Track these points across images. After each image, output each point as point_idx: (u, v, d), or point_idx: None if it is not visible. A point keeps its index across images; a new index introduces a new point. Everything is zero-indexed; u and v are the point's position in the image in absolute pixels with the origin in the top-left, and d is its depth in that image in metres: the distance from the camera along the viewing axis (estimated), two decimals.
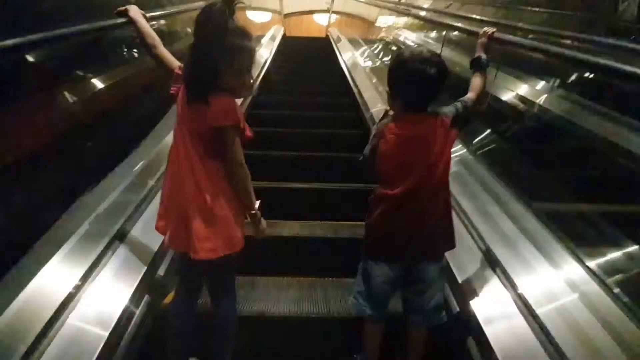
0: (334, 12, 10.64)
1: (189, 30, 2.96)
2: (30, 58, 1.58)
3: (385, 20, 7.13)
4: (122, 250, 1.45)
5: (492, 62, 1.49)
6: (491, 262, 1.46)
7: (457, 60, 2.88)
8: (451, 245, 1.37)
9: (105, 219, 1.49)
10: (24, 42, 1.21)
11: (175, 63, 1.34)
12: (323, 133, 3.35)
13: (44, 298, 1.14)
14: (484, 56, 1.47)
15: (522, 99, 2.48)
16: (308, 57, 6.76)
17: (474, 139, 2.40)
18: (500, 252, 1.45)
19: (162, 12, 2.32)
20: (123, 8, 1.47)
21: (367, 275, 1.34)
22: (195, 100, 1.16)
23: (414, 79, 1.22)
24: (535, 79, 2.50)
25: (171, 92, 1.27)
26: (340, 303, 1.70)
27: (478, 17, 3.26)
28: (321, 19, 16.91)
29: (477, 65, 1.45)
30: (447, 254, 1.41)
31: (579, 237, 1.47)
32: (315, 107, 4.00)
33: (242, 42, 1.15)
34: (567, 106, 2.13)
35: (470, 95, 1.37)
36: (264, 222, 1.33)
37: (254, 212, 1.28)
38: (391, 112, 1.33)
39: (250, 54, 1.19)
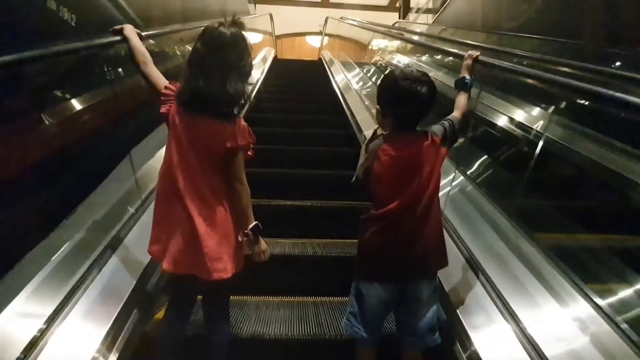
0: (326, 34, 10.94)
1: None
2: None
3: (379, 43, 7.39)
4: (93, 288, 1.38)
5: (476, 83, 1.61)
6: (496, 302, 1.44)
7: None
8: (444, 262, 1.41)
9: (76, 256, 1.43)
10: (18, 59, 1.22)
11: (162, 82, 1.37)
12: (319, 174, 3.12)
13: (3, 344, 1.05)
14: (468, 77, 1.58)
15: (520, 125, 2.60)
16: (300, 81, 6.80)
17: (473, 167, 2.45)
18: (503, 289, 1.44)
19: (157, 31, 2.40)
20: (119, 27, 1.55)
21: (360, 295, 1.37)
22: (208, 119, 1.24)
23: (405, 98, 1.29)
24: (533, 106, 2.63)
25: (162, 111, 1.31)
26: (333, 324, 1.72)
27: (471, 42, 3.42)
28: (313, 41, 17.31)
29: (461, 86, 1.56)
30: (450, 294, 1.48)
31: (584, 270, 1.46)
32: (310, 141, 3.73)
33: (248, 61, 1.27)
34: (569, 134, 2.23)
35: (455, 114, 1.48)
36: (263, 243, 1.37)
37: (247, 231, 1.32)
38: (380, 131, 1.40)
39: (250, 71, 1.29)
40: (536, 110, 2.62)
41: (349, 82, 5.49)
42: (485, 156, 2.46)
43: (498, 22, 3.95)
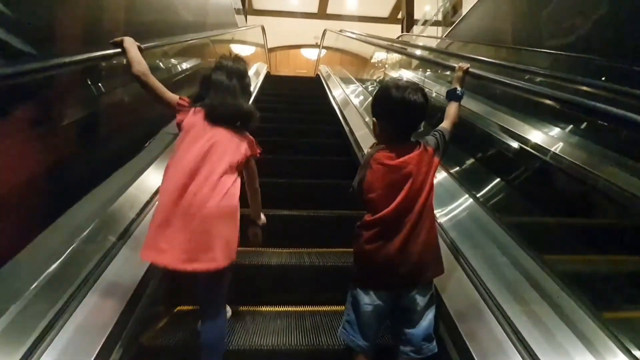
0: (324, 47, 11.01)
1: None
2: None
3: (383, 58, 7.38)
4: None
5: (466, 93, 1.78)
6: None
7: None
8: (440, 270, 1.50)
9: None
10: (21, 71, 1.32)
11: (171, 95, 1.67)
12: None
13: None
14: (459, 88, 1.75)
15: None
16: (295, 101, 6.27)
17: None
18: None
19: (157, 43, 2.49)
20: (118, 39, 1.73)
21: (356, 303, 1.45)
22: (227, 131, 1.62)
23: (398, 108, 1.44)
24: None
25: (178, 120, 1.63)
26: (330, 334, 1.81)
27: (478, 57, 3.34)
28: (309, 53, 17.56)
29: (453, 96, 1.72)
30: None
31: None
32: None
33: (250, 84, 1.76)
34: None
35: (445, 124, 1.61)
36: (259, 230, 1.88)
37: (264, 223, 1.87)
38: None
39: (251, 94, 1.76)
40: (555, 130, 2.65)
41: (359, 114, 4.43)
42: (498, 179, 2.51)
43: (535, 38, 3.68)
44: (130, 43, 1.71)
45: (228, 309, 1.87)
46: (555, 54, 3.16)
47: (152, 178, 2.21)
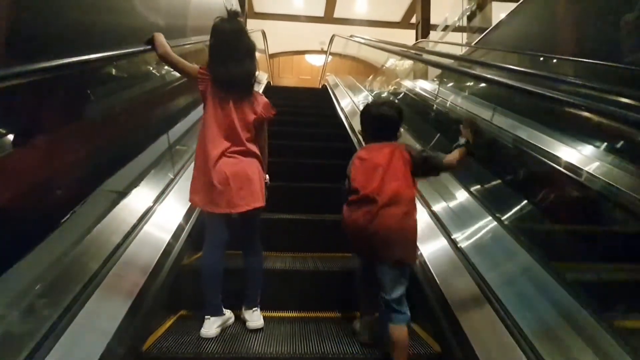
0: (331, 53, 10.96)
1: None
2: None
3: (396, 65, 7.21)
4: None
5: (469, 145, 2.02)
6: None
7: None
8: (412, 258, 1.89)
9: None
10: (49, 67, 1.53)
11: (192, 66, 2.07)
12: None
13: None
14: (462, 140, 2.02)
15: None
16: (299, 115, 5.85)
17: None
18: None
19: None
20: (149, 37, 2.17)
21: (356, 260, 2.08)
22: (242, 97, 2.03)
23: (374, 119, 2.05)
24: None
25: (200, 89, 2.03)
26: (335, 341, 1.95)
27: (507, 65, 3.19)
28: (313, 59, 17.57)
29: (456, 145, 2.02)
30: None
31: None
32: None
33: (252, 42, 2.10)
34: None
35: (444, 158, 1.95)
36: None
37: (266, 180, 2.14)
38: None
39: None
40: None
41: None
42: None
43: (606, 52, 3.32)
44: (158, 34, 2.17)
45: (230, 313, 2.07)
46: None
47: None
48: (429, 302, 2.06)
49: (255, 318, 2.05)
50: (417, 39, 10.54)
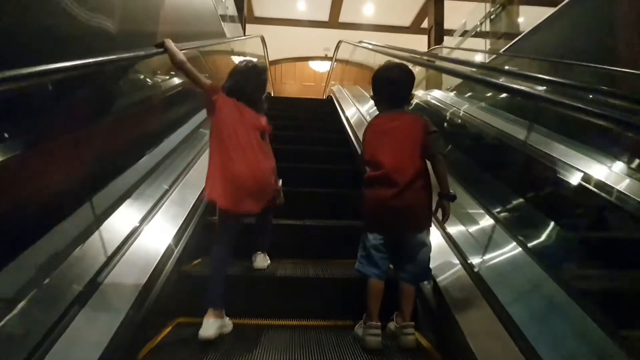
0: (337, 60, 10.52)
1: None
2: None
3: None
4: None
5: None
6: None
7: None
8: (428, 225, 2.03)
9: None
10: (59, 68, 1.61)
11: (206, 81, 2.31)
12: None
13: None
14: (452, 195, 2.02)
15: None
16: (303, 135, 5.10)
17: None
18: None
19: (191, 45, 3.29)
20: (160, 42, 2.43)
21: (367, 242, 2.05)
22: (256, 110, 2.37)
23: (383, 83, 2.18)
24: None
25: (213, 99, 2.26)
26: (336, 351, 1.92)
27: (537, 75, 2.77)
28: (317, 66, 17.35)
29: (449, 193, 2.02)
30: None
31: None
32: None
33: (267, 80, 2.53)
34: None
35: (441, 161, 1.99)
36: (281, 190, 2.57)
37: (279, 185, 2.53)
38: None
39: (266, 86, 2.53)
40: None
41: None
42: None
43: None
44: (168, 42, 2.42)
45: (229, 322, 2.10)
46: None
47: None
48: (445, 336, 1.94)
49: (260, 259, 2.54)
50: (429, 45, 10.09)
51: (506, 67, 5.04)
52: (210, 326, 1.92)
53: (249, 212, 2.20)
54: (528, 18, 5.33)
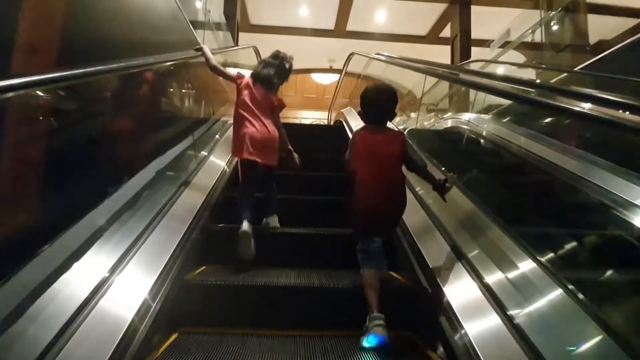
0: (347, 73, 9.66)
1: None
2: None
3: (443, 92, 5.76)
4: None
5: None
6: None
7: None
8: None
9: None
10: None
11: (233, 73, 3.62)
12: None
13: None
14: (447, 186, 2.51)
15: None
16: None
17: None
18: None
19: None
20: (198, 46, 3.76)
21: (361, 242, 2.57)
22: (270, 91, 3.54)
23: (369, 103, 2.72)
24: None
25: (237, 84, 3.52)
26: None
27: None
28: (320, 77, 16.68)
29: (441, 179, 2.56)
30: None
31: None
32: None
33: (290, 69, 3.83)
34: None
35: (424, 166, 2.61)
36: (296, 156, 3.72)
37: (291, 149, 3.70)
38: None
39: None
40: None
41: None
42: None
43: None
44: (205, 47, 3.73)
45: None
46: None
47: None
48: None
49: (273, 220, 3.41)
50: (452, 57, 9.22)
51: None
52: (247, 226, 2.91)
53: (262, 162, 3.22)
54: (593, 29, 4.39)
